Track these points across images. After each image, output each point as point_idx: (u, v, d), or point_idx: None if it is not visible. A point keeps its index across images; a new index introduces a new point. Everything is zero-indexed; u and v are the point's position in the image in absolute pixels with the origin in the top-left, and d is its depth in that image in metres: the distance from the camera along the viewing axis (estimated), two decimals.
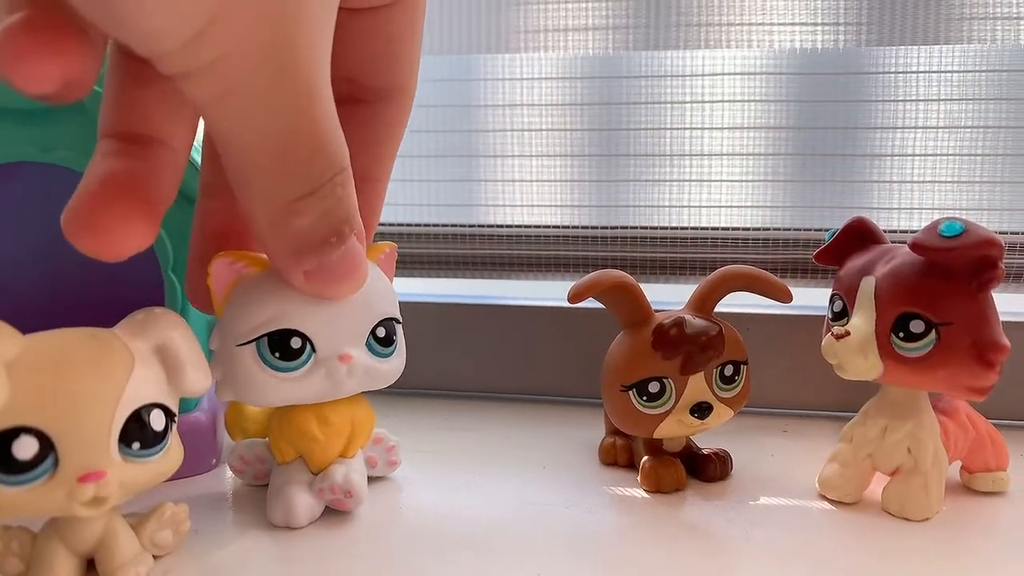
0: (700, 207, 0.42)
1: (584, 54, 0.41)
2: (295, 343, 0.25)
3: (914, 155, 0.39)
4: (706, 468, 0.32)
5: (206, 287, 0.25)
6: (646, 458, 0.31)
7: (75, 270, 0.28)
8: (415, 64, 0.25)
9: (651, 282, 0.42)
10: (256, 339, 0.25)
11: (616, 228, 0.42)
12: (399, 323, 0.28)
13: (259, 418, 0.31)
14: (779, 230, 0.41)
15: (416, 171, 0.44)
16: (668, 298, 0.35)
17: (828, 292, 0.31)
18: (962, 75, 0.38)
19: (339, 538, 0.27)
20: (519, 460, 0.34)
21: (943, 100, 0.39)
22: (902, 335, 0.27)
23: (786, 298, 0.31)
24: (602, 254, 0.42)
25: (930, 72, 0.38)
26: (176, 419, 0.23)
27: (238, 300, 0.25)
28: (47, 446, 0.20)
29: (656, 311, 0.30)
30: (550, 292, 0.43)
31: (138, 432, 0.21)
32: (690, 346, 0.29)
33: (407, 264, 0.44)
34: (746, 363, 0.31)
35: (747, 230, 0.41)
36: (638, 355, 0.29)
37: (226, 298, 0.25)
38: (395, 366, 0.28)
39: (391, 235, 0.44)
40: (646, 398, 0.29)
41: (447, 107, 0.43)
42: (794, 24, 0.38)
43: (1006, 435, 0.31)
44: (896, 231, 0.39)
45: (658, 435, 0.30)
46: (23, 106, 0.27)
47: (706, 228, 0.41)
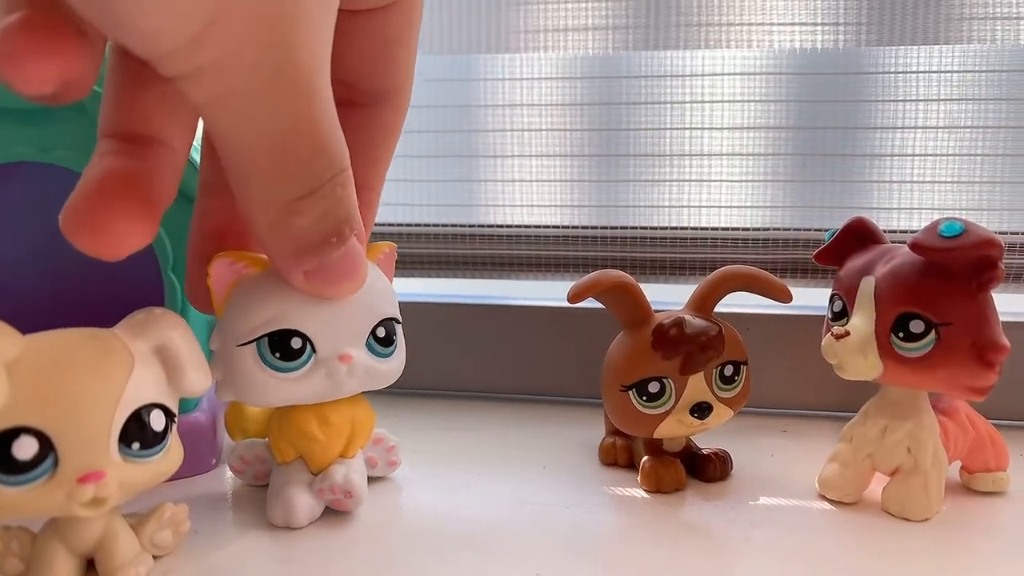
0: (700, 207, 0.42)
1: (584, 54, 0.41)
2: (295, 343, 0.25)
3: (914, 155, 0.39)
4: (706, 468, 0.32)
5: (206, 287, 0.25)
6: (646, 458, 0.31)
7: (75, 270, 0.28)
8: (411, 66, 0.25)
9: (651, 282, 0.42)
10: (256, 339, 0.25)
11: (616, 228, 0.42)
12: (399, 323, 0.28)
13: (259, 418, 0.31)
14: (779, 230, 0.41)
15: (416, 171, 0.44)
16: (668, 298, 0.35)
17: (828, 292, 0.31)
18: (962, 75, 0.38)
19: (339, 538, 0.27)
20: (519, 460, 0.34)
21: (943, 100, 0.39)
22: (902, 335, 0.27)
23: (786, 298, 0.31)
24: (602, 254, 0.42)
25: (930, 72, 0.38)
26: (176, 419, 0.23)
27: (238, 300, 0.25)
28: (47, 446, 0.20)
29: (656, 311, 0.30)
30: (550, 292, 0.43)
31: (138, 432, 0.21)
32: (690, 346, 0.29)
33: (407, 264, 0.44)
34: (746, 363, 0.31)
35: (747, 230, 0.41)
36: (638, 355, 0.29)
37: (226, 298, 0.25)
38: (395, 366, 0.28)
39: (391, 235, 0.44)
40: (646, 398, 0.29)
41: (447, 107, 0.43)
42: (794, 24, 0.38)
43: (1006, 435, 0.31)
44: (896, 231, 0.39)
45: (658, 435, 0.30)
46: (22, 106, 0.27)
47: (706, 228, 0.41)
